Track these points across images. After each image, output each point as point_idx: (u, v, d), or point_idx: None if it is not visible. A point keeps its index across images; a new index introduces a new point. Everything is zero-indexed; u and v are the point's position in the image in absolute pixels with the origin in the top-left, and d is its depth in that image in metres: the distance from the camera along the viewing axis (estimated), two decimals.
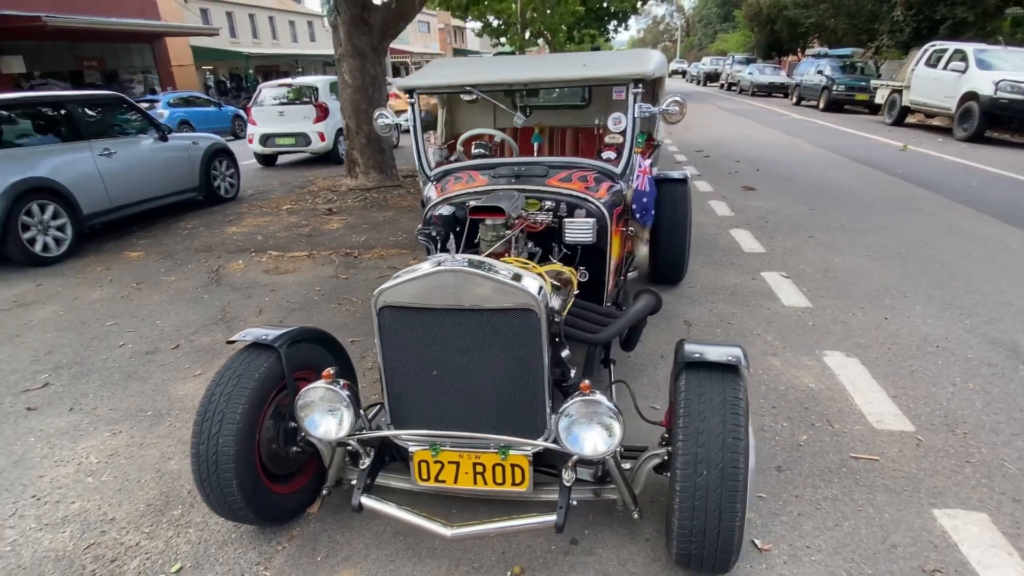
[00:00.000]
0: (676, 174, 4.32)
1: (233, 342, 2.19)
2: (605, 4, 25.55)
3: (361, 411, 2.08)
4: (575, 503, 1.93)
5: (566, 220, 2.75)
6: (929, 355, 3.38)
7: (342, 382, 1.98)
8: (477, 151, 3.35)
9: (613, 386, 2.61)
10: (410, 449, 2.03)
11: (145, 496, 2.50)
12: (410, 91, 3.22)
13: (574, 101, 4.40)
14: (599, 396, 1.80)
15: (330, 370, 1.98)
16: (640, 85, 2.99)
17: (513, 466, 1.98)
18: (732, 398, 1.80)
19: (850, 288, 4.38)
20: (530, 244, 2.73)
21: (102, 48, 21.83)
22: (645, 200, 3.05)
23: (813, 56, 21.03)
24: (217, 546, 2.22)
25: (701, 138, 12.82)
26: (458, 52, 56.75)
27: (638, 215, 3.06)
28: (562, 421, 1.81)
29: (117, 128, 6.95)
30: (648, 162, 3.13)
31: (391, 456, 2.20)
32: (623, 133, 3.04)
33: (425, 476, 2.04)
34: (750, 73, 26.90)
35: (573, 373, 2.39)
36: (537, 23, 21.43)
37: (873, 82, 16.34)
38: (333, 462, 2.16)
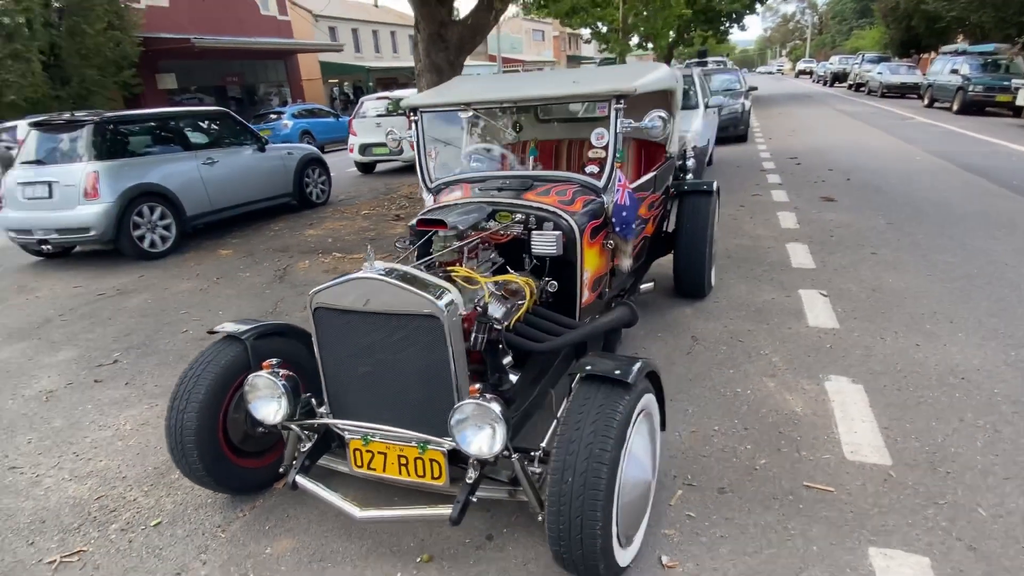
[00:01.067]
0: (704, 184, 4.25)
1: (214, 332, 2.53)
2: (716, 5, 24.66)
3: (306, 398, 2.33)
4: (475, 500, 2.06)
5: (533, 233, 2.86)
6: (948, 387, 3.10)
7: (282, 372, 2.25)
8: (474, 164, 3.55)
9: (553, 393, 2.68)
10: (346, 437, 2.25)
11: (155, 461, 2.92)
12: (413, 110, 3.47)
13: (593, 114, 4.46)
14: (482, 400, 1.92)
15: (271, 361, 2.25)
16: (622, 101, 3.04)
17: (431, 460, 2.14)
18: (608, 411, 1.86)
19: (891, 310, 4.06)
20: (493, 254, 2.87)
21: (242, 65, 24.35)
22: (625, 214, 3.07)
23: (948, 53, 19.04)
24: (193, 508, 2.57)
25: (802, 144, 12.11)
26: (572, 59, 57.07)
27: (618, 228, 3.09)
28: (452, 420, 1.95)
29: (221, 139, 7.86)
30: (626, 180, 3.15)
31: (337, 442, 2.43)
32: (606, 148, 3.10)
33: (359, 463, 2.25)
34: (879, 72, 24.78)
35: (515, 379, 2.52)
36: (640, 28, 21.17)
37: (1015, 81, 14.54)
38: (288, 443, 2.43)
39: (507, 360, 2.55)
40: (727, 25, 27.57)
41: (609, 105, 3.06)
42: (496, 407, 1.91)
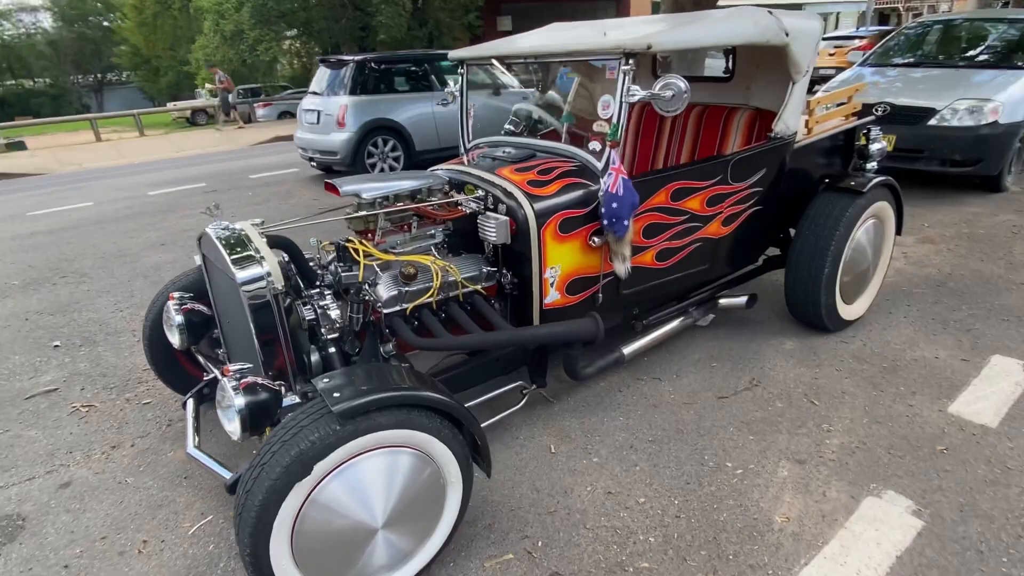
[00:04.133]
0: (858, 179, 3.08)
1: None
2: None
3: (215, 332, 2.54)
4: None
5: (479, 216, 2.49)
6: None
7: (185, 306, 2.48)
8: (506, 126, 3.19)
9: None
10: None
11: None
12: (460, 62, 3.24)
13: (716, 74, 3.49)
14: (228, 382, 1.85)
15: (175, 294, 2.50)
16: (631, 61, 2.35)
17: None
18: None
19: None
20: (436, 231, 2.59)
21: (574, 9, 25.22)
22: (615, 206, 2.40)
23: None
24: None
25: None
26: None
27: (606, 222, 2.45)
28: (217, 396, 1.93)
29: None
30: (621, 163, 2.43)
31: None
32: (611, 120, 2.46)
33: None
34: None
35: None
36: None
37: None
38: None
39: (387, 348, 2.36)
40: None
41: (618, 65, 2.40)
42: (239, 398, 1.82)
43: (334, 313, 2.30)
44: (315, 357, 2.30)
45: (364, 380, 1.72)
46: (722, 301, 3.26)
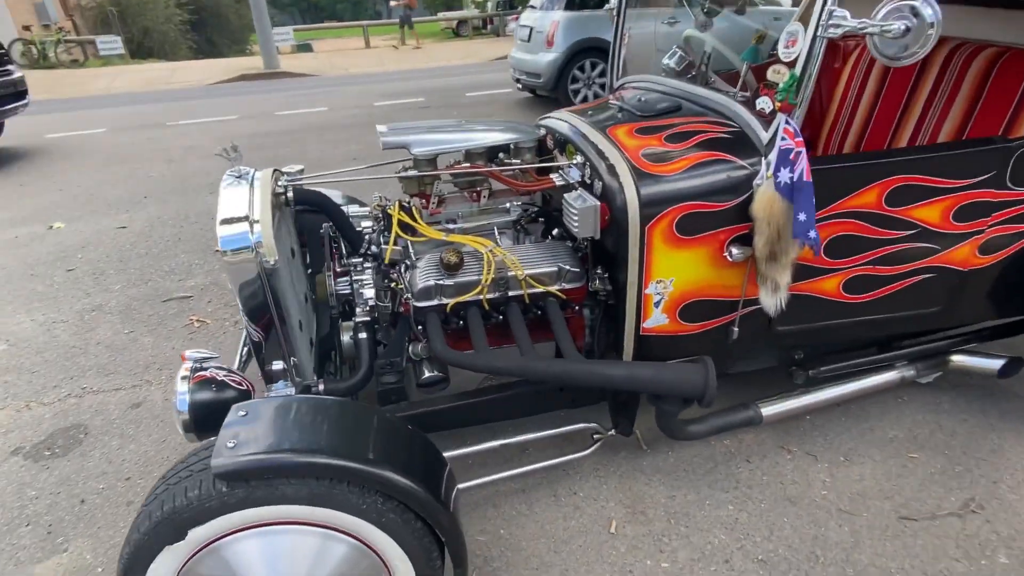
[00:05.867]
0: None
1: None
2: None
3: None
4: None
5: (565, 196, 1.77)
6: None
7: None
8: (665, 61, 2.30)
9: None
10: None
11: None
12: None
13: None
14: (184, 371, 1.52)
15: None
16: None
17: None
18: None
19: None
20: (514, 204, 1.92)
21: None
22: (803, 206, 1.48)
23: None
24: None
25: None
26: None
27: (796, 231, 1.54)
28: None
29: None
30: (796, 131, 1.45)
31: None
32: (795, 63, 1.52)
33: None
34: None
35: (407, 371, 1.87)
36: None
37: None
38: None
39: (416, 348, 1.85)
40: None
41: None
42: (183, 396, 1.49)
43: (368, 292, 1.85)
44: (346, 338, 1.89)
45: (283, 426, 1.24)
46: (959, 358, 2.12)
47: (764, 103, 1.65)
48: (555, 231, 1.98)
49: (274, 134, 7.22)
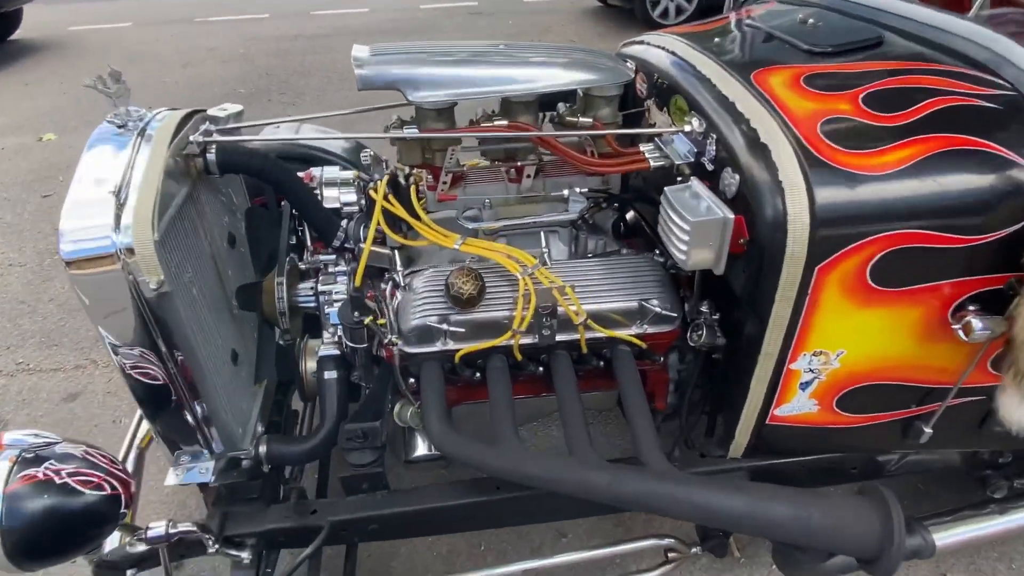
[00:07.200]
0: None
1: None
2: None
3: None
4: None
5: (666, 190, 1.03)
6: None
7: None
8: None
9: None
10: None
11: None
12: None
13: None
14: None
15: None
16: None
17: None
18: None
19: None
20: (571, 196, 1.18)
21: None
22: None
23: None
24: None
25: None
26: None
27: None
28: None
29: None
30: None
31: None
32: None
33: None
34: None
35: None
36: None
37: None
38: None
39: (406, 412, 1.20)
40: None
41: None
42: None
43: (334, 310, 1.20)
44: (312, 365, 1.26)
45: None
46: None
47: None
48: (639, 236, 1.25)
49: (303, 38, 6.41)
